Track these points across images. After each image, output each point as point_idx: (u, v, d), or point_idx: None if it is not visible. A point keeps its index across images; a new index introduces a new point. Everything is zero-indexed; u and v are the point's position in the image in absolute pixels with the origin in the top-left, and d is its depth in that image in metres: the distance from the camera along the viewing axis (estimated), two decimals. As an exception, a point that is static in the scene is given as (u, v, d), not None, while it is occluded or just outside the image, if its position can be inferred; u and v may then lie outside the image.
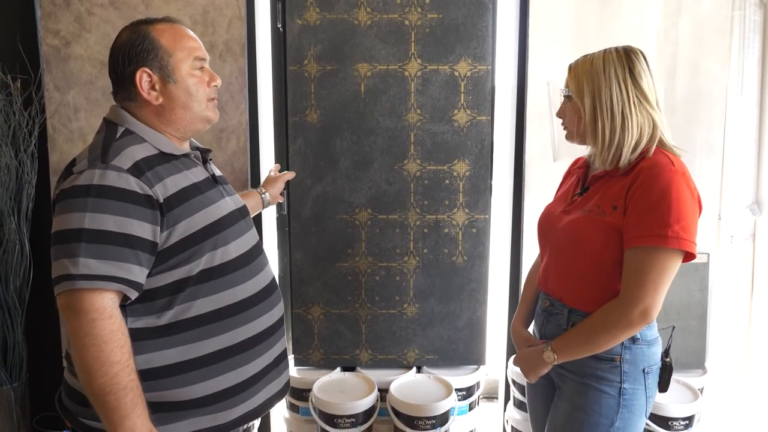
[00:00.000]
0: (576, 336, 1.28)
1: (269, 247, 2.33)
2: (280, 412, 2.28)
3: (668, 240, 1.16)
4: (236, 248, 1.21)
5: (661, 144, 1.27)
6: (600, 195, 1.29)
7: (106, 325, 1.05)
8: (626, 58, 1.26)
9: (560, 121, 1.39)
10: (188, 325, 1.15)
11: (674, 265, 1.19)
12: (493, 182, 2.15)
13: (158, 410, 1.13)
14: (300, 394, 2.13)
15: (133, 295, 1.09)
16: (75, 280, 1.04)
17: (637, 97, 1.25)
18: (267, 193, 1.84)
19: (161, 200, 1.10)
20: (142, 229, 1.08)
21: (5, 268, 2.13)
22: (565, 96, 1.34)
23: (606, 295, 1.26)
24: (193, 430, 1.16)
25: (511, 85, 2.21)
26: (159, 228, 1.10)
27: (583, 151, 1.45)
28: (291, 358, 2.25)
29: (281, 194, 1.98)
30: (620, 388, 1.28)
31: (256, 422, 2.16)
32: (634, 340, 1.27)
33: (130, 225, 1.07)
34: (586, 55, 1.31)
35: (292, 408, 2.18)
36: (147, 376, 1.12)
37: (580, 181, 1.40)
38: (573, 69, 1.32)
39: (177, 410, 1.15)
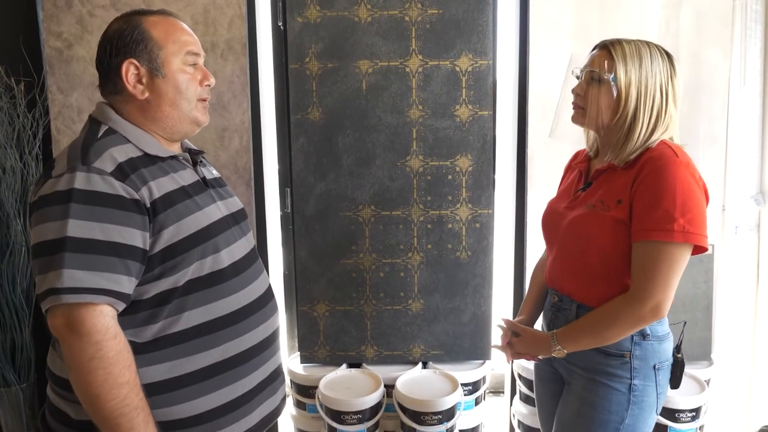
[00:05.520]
0: (582, 329, 1.27)
1: (273, 245, 2.33)
2: (286, 409, 2.28)
3: (674, 234, 1.15)
4: (228, 256, 1.13)
5: (669, 137, 1.27)
6: (604, 189, 1.27)
7: (112, 345, 0.99)
8: (668, 58, 1.26)
9: (569, 97, 1.34)
10: (176, 339, 1.07)
11: (683, 259, 1.18)
12: (495, 177, 2.15)
13: None
14: (306, 391, 2.14)
15: (121, 308, 1.02)
16: (61, 294, 0.96)
17: (672, 102, 1.25)
18: None
19: (148, 204, 1.03)
20: (132, 236, 1.01)
21: (12, 270, 2.14)
22: (596, 78, 1.26)
23: (615, 290, 1.25)
24: None
25: (512, 79, 2.21)
26: (148, 234, 1.03)
27: (580, 139, 1.42)
28: (297, 355, 2.25)
29: None
30: (630, 384, 1.26)
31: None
32: (644, 336, 1.26)
33: (118, 232, 0.99)
34: (627, 41, 1.25)
35: (299, 405, 2.18)
36: None
37: (583, 175, 1.38)
38: (619, 53, 1.24)
39: (167, 430, 1.07)
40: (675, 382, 1.32)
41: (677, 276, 1.19)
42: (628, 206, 1.22)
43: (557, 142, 1.80)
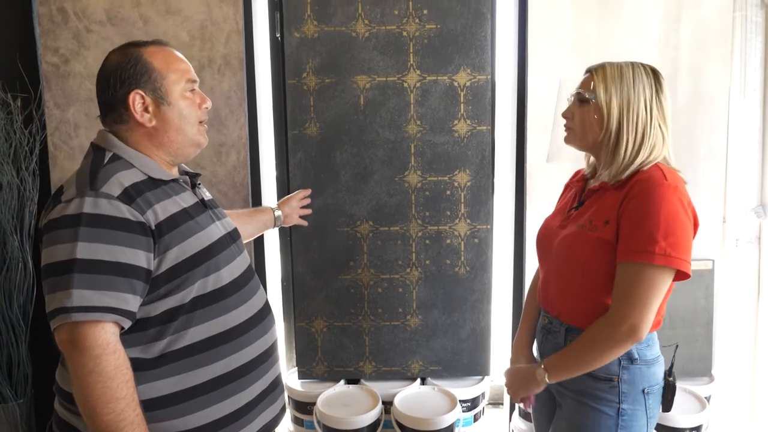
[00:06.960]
0: (566, 355, 1.27)
1: (271, 261, 2.32)
2: (284, 425, 2.27)
3: (655, 257, 1.15)
4: (228, 274, 1.19)
5: (663, 160, 1.27)
6: (594, 209, 1.28)
7: (111, 360, 1.03)
8: (654, 77, 1.27)
9: (562, 121, 1.37)
10: (182, 354, 1.12)
11: (663, 283, 1.17)
12: (494, 192, 2.14)
13: None
14: (304, 408, 2.12)
15: (127, 325, 1.07)
16: (70, 312, 1.01)
17: (658, 119, 1.26)
18: (280, 211, 1.89)
19: (153, 227, 1.08)
20: (136, 256, 1.06)
21: (9, 286, 2.14)
22: (581, 99, 1.30)
23: (601, 312, 1.25)
24: None
25: (511, 94, 2.20)
26: (152, 255, 1.08)
27: (576, 157, 1.43)
28: (295, 371, 2.24)
29: (302, 218, 2.05)
30: (619, 408, 1.26)
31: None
32: (632, 360, 1.26)
33: (123, 253, 1.04)
34: (611, 63, 1.28)
35: (297, 422, 2.17)
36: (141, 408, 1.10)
37: (578, 194, 1.39)
38: (600, 74, 1.28)
39: None
40: (666, 405, 1.31)
41: (656, 299, 1.17)
42: (615, 227, 1.22)
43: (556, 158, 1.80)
